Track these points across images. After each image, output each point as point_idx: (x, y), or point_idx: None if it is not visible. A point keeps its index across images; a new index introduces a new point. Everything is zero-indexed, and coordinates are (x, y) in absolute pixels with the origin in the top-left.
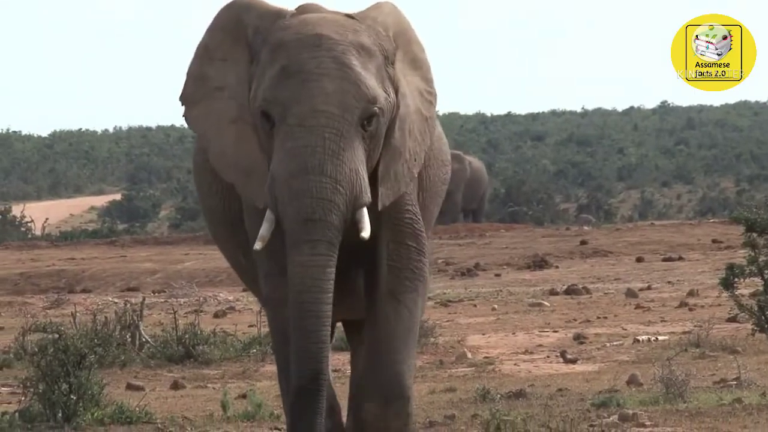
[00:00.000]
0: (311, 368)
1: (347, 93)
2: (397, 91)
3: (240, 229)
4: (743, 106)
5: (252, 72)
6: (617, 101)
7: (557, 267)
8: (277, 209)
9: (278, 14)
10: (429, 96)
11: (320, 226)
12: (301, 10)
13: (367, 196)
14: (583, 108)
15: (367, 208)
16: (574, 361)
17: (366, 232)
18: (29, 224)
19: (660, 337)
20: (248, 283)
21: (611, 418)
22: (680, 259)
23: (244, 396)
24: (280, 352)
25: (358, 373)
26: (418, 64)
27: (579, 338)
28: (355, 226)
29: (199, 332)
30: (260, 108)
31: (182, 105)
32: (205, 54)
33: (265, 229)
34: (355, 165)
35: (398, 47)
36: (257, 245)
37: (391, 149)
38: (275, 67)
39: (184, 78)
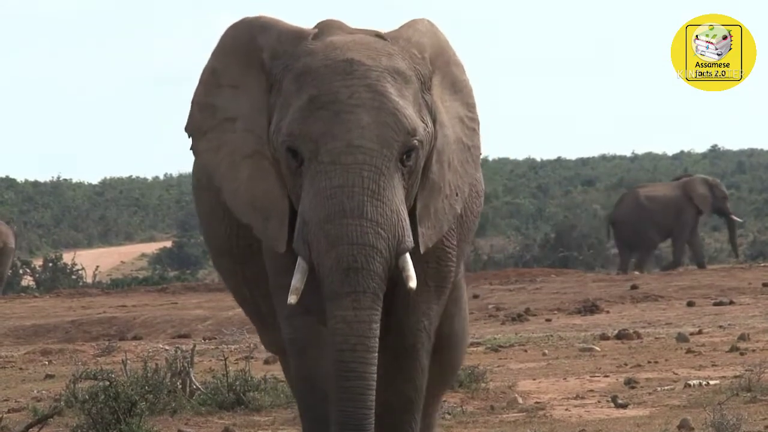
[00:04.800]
0: None
1: (385, 125)
2: (434, 120)
3: (248, 263)
4: None
5: (272, 102)
6: (667, 145)
7: (608, 312)
8: (311, 257)
9: (300, 36)
10: (471, 123)
11: (363, 276)
12: (324, 29)
13: (410, 240)
14: (633, 152)
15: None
16: (625, 406)
17: (413, 282)
18: (80, 272)
19: (711, 382)
20: (255, 320)
21: None
22: (731, 303)
23: None
24: (306, 403)
25: None
26: (458, 87)
27: (630, 383)
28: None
29: (249, 379)
30: (285, 143)
31: (189, 136)
32: (211, 80)
33: (297, 280)
34: (396, 206)
35: (435, 70)
36: (291, 299)
37: (429, 184)
38: (302, 97)
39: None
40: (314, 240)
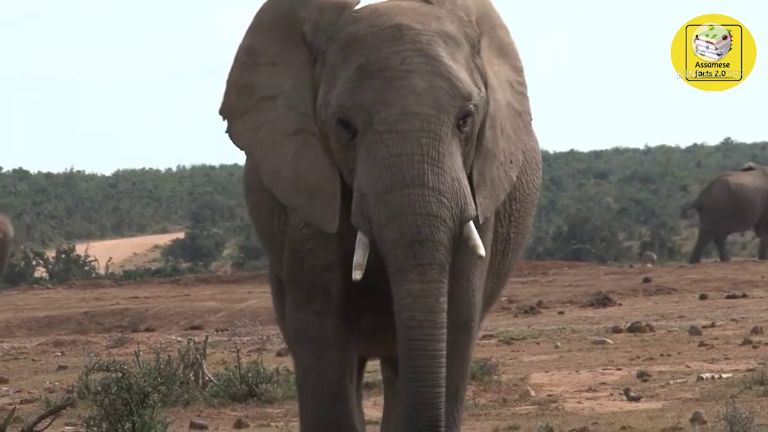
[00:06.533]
0: (428, 417)
1: (440, 90)
2: (486, 84)
3: None
4: None
5: (317, 75)
6: (680, 138)
7: (620, 305)
8: (372, 230)
9: (342, 5)
10: (520, 87)
11: (429, 248)
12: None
13: (473, 209)
14: (646, 145)
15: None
16: (637, 399)
17: (481, 250)
18: (93, 263)
19: (724, 375)
20: None
21: None
22: (744, 296)
23: None
24: (309, 397)
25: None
26: (506, 51)
27: (642, 376)
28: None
29: (262, 371)
30: (336, 116)
31: (224, 119)
32: (249, 59)
33: (360, 256)
34: (456, 173)
35: (483, 33)
36: (356, 275)
37: (484, 151)
38: (350, 67)
39: (224, 87)
40: (374, 212)
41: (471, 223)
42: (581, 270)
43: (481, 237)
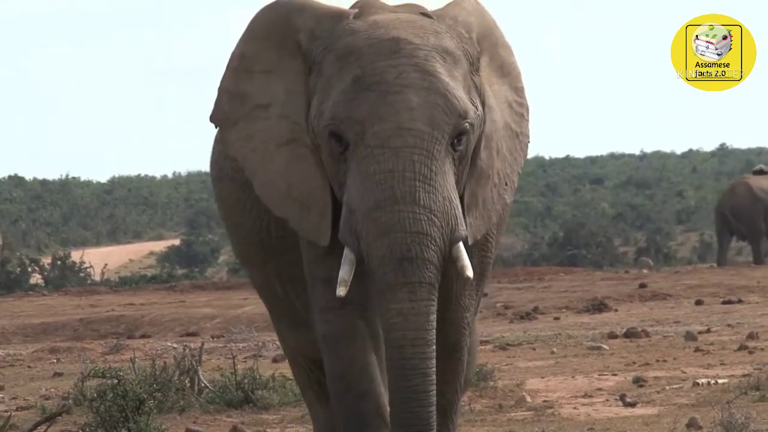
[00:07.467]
0: None
1: (435, 106)
2: (483, 104)
3: (282, 256)
4: None
5: (311, 84)
6: (675, 144)
7: (616, 310)
8: (360, 247)
9: (340, 15)
10: (519, 108)
11: (418, 266)
12: (364, 8)
13: (464, 229)
14: (641, 151)
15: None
16: (633, 405)
17: (469, 272)
18: (88, 270)
19: (720, 381)
20: (283, 316)
21: None
22: (740, 301)
23: None
24: (343, 403)
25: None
26: (507, 70)
27: (638, 381)
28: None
29: (258, 377)
30: (329, 128)
31: (216, 126)
32: (241, 66)
33: (345, 272)
34: (448, 192)
35: (483, 51)
36: (340, 291)
37: (477, 172)
38: (345, 78)
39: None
40: (363, 229)
41: (460, 243)
42: (577, 276)
43: (472, 250)
